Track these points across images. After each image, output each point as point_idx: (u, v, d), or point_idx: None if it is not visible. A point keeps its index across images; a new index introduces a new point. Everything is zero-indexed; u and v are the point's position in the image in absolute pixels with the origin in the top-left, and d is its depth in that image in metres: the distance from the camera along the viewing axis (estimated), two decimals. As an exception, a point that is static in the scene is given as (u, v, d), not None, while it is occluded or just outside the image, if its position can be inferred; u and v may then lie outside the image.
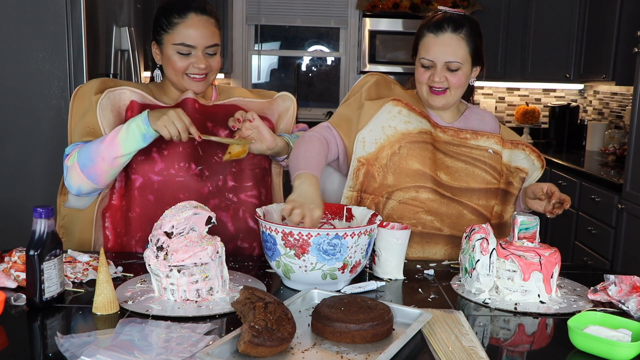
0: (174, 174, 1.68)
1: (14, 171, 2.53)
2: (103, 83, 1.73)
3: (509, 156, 1.80)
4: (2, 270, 1.39)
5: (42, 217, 1.24)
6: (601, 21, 4.09)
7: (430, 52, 1.70)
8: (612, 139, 4.18)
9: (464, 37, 1.70)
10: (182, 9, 1.67)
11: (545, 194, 1.68)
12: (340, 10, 5.03)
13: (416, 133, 1.71)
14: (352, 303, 1.20)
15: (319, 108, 5.26)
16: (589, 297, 1.40)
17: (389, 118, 1.72)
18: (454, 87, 1.72)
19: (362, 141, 1.71)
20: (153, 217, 1.66)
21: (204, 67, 1.69)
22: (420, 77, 1.75)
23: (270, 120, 1.84)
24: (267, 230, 1.38)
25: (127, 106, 1.71)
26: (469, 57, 1.71)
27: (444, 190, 1.72)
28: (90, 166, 1.60)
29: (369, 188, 1.72)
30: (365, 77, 1.84)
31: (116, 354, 1.02)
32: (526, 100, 5.14)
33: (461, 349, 1.12)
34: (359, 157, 1.71)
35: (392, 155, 1.70)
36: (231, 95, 1.85)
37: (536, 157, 1.82)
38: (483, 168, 1.75)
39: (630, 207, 3.03)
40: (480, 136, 1.77)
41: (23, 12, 2.47)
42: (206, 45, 1.69)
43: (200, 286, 1.30)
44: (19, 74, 2.50)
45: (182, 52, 1.68)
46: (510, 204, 1.80)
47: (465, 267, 1.46)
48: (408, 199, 1.70)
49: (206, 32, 1.69)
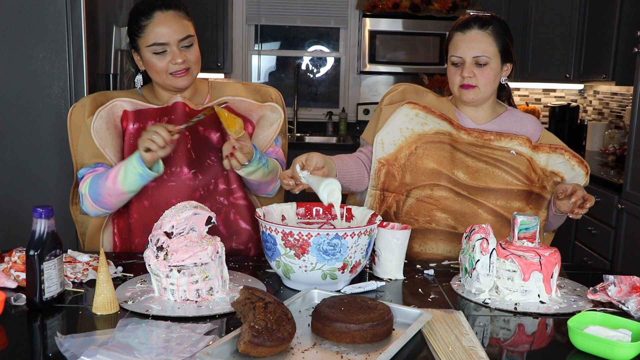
0: (166, 179, 1.68)
1: (14, 171, 2.53)
2: (94, 101, 1.73)
3: (546, 160, 1.78)
4: (2, 270, 1.39)
5: (42, 217, 1.24)
6: (601, 21, 4.08)
7: (458, 49, 1.74)
8: (612, 139, 4.18)
9: (491, 33, 1.73)
10: (147, 10, 1.67)
11: (567, 193, 1.66)
12: (340, 10, 5.03)
13: (432, 134, 1.76)
14: (352, 303, 1.20)
15: (319, 108, 5.25)
16: (589, 297, 1.40)
17: (406, 120, 1.78)
18: (483, 82, 1.73)
19: (381, 143, 1.78)
20: (149, 222, 1.69)
21: (181, 61, 1.67)
22: (451, 76, 1.78)
23: (252, 123, 1.82)
24: (267, 230, 1.38)
25: (121, 117, 1.72)
26: (497, 52, 1.74)
27: (460, 188, 1.74)
28: (100, 200, 1.65)
29: (391, 187, 1.78)
30: (393, 86, 1.92)
31: (116, 354, 1.02)
32: (526, 100, 5.14)
33: (461, 349, 1.12)
34: (379, 159, 1.79)
35: (410, 155, 1.76)
36: (222, 92, 1.83)
37: (577, 163, 1.79)
38: (504, 169, 1.75)
39: (630, 207, 3.03)
40: (504, 137, 1.77)
41: (23, 12, 2.47)
42: (178, 39, 1.67)
43: (200, 286, 1.30)
44: (19, 74, 2.50)
45: (157, 52, 1.67)
46: (543, 208, 1.78)
47: (465, 267, 1.46)
48: (424, 196, 1.74)
49: (175, 26, 1.67)
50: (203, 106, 1.77)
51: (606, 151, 4.04)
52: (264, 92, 1.88)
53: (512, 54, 1.78)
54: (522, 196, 1.75)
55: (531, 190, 1.76)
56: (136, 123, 1.72)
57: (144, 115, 1.73)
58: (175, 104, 1.73)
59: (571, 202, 1.65)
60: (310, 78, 5.30)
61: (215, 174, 1.73)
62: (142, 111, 1.73)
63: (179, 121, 1.69)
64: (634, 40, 3.07)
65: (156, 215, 1.66)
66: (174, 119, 1.71)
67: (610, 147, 4.03)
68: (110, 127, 1.71)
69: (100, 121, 1.69)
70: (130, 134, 1.71)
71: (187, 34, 1.68)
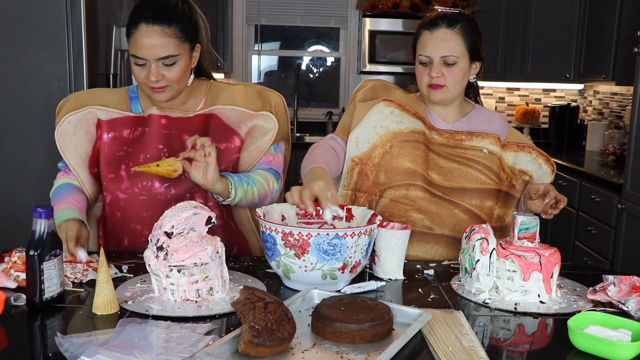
0: (137, 193, 1.67)
1: (14, 171, 2.53)
2: (75, 101, 1.73)
3: (514, 158, 1.79)
4: (2, 270, 1.39)
5: (42, 217, 1.24)
6: (601, 21, 4.08)
7: (426, 48, 1.72)
8: (612, 139, 4.18)
9: (459, 31, 1.71)
10: (135, 19, 1.59)
11: (540, 194, 1.66)
12: (340, 10, 5.03)
13: (408, 132, 1.73)
14: (352, 303, 1.20)
15: (319, 108, 5.25)
16: (589, 297, 1.40)
17: (381, 118, 1.75)
18: (451, 81, 1.72)
19: (356, 141, 1.75)
20: (121, 233, 1.70)
21: (154, 79, 1.59)
22: (419, 75, 1.76)
23: (239, 135, 1.73)
24: (267, 230, 1.38)
25: (95, 124, 1.71)
26: (465, 51, 1.72)
27: (435, 189, 1.73)
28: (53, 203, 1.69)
29: (363, 186, 1.75)
30: (363, 82, 1.89)
31: (116, 354, 1.02)
32: (526, 100, 5.14)
33: (461, 349, 1.12)
34: (353, 157, 1.75)
35: (384, 154, 1.73)
36: (218, 97, 1.75)
37: (544, 161, 1.80)
38: (477, 168, 1.75)
39: (630, 207, 3.03)
40: (475, 136, 1.77)
41: (23, 12, 2.47)
42: (157, 58, 1.58)
43: (200, 286, 1.30)
44: (19, 74, 2.50)
45: (137, 64, 1.61)
46: (512, 207, 1.79)
47: (465, 267, 1.46)
48: (399, 196, 1.72)
49: (157, 43, 1.56)
50: (195, 113, 1.72)
51: (606, 151, 4.04)
52: (265, 96, 1.80)
53: (480, 52, 1.76)
54: (493, 195, 1.76)
55: (500, 189, 1.77)
56: (111, 132, 1.70)
57: (119, 123, 1.71)
58: (149, 116, 1.70)
59: (545, 202, 1.65)
60: (310, 78, 5.30)
61: (190, 187, 1.67)
62: (117, 120, 1.70)
63: (152, 134, 1.67)
64: (634, 40, 3.07)
65: (128, 227, 1.70)
66: (147, 131, 1.68)
67: (610, 147, 4.03)
68: (79, 132, 1.69)
69: (68, 125, 1.69)
70: (104, 143, 1.69)
71: (168, 53, 1.58)
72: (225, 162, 1.70)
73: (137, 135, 1.69)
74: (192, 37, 1.65)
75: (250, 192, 1.67)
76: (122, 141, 1.69)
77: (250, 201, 1.69)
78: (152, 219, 1.63)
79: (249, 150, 1.74)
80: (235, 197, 1.64)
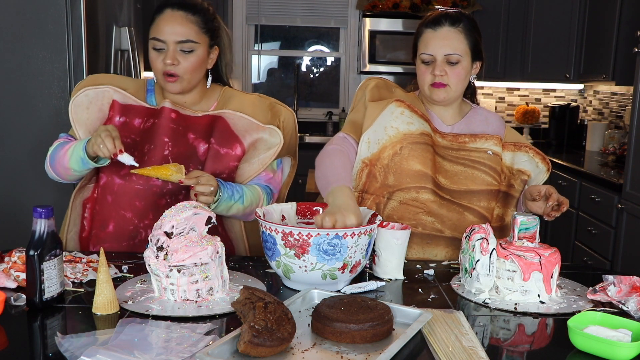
0: (134, 181, 1.68)
1: (14, 171, 2.53)
2: (96, 79, 1.77)
3: (512, 158, 1.79)
4: (2, 270, 1.39)
5: (42, 217, 1.24)
6: (601, 21, 4.09)
7: (429, 46, 1.71)
8: (612, 139, 4.18)
9: (462, 30, 1.71)
10: (161, 5, 1.68)
11: (542, 195, 1.66)
12: (340, 10, 5.04)
13: (418, 134, 1.71)
14: (352, 303, 1.20)
15: (319, 108, 5.26)
16: (589, 297, 1.40)
17: (392, 119, 1.72)
18: (454, 80, 1.71)
19: (367, 142, 1.73)
20: (107, 217, 1.69)
21: (170, 62, 1.64)
22: (421, 74, 1.75)
23: (242, 144, 1.73)
24: (267, 230, 1.38)
25: (109, 104, 1.73)
26: (468, 50, 1.72)
27: (444, 193, 1.72)
28: (53, 164, 1.71)
29: (371, 188, 1.72)
30: (365, 81, 1.85)
31: (116, 354, 1.02)
32: (526, 100, 5.14)
33: (461, 349, 1.12)
34: (363, 159, 1.73)
35: (394, 155, 1.71)
36: (228, 102, 1.77)
37: (540, 160, 1.80)
38: (483, 170, 1.75)
39: (630, 207, 3.03)
40: (479, 138, 1.77)
41: (23, 12, 2.47)
42: (177, 41, 1.64)
43: (200, 286, 1.30)
44: (19, 74, 2.50)
45: (155, 48, 1.66)
46: (511, 207, 1.79)
47: (465, 267, 1.46)
48: (408, 199, 1.70)
49: (178, 27, 1.64)
50: (203, 113, 1.74)
51: (606, 151, 4.04)
52: (276, 110, 1.80)
53: (481, 52, 1.76)
54: (493, 195, 1.76)
55: (499, 189, 1.77)
56: (122, 117, 1.72)
57: (132, 111, 1.73)
58: (162, 108, 1.72)
59: (548, 205, 1.64)
60: (310, 78, 5.30)
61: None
62: (131, 107, 1.73)
63: (161, 125, 1.69)
64: (634, 40, 3.07)
65: (117, 213, 1.68)
66: (156, 122, 1.70)
67: (610, 147, 4.03)
68: (92, 107, 1.73)
69: (84, 99, 1.72)
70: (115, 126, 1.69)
71: (188, 38, 1.65)
72: (222, 166, 1.70)
73: (148, 126, 1.71)
74: (212, 34, 1.71)
75: (235, 208, 1.66)
76: (132, 129, 1.71)
77: (232, 215, 1.70)
78: (144, 209, 1.67)
79: (250, 162, 1.74)
80: (215, 209, 1.61)
